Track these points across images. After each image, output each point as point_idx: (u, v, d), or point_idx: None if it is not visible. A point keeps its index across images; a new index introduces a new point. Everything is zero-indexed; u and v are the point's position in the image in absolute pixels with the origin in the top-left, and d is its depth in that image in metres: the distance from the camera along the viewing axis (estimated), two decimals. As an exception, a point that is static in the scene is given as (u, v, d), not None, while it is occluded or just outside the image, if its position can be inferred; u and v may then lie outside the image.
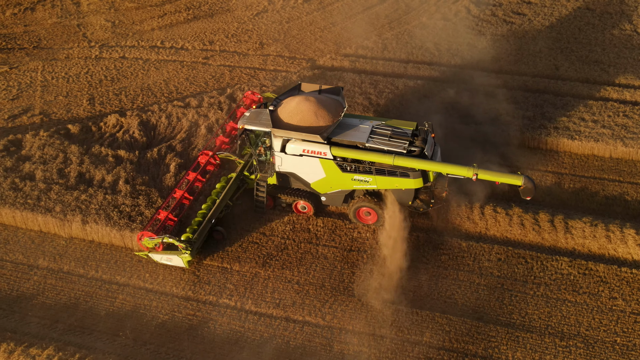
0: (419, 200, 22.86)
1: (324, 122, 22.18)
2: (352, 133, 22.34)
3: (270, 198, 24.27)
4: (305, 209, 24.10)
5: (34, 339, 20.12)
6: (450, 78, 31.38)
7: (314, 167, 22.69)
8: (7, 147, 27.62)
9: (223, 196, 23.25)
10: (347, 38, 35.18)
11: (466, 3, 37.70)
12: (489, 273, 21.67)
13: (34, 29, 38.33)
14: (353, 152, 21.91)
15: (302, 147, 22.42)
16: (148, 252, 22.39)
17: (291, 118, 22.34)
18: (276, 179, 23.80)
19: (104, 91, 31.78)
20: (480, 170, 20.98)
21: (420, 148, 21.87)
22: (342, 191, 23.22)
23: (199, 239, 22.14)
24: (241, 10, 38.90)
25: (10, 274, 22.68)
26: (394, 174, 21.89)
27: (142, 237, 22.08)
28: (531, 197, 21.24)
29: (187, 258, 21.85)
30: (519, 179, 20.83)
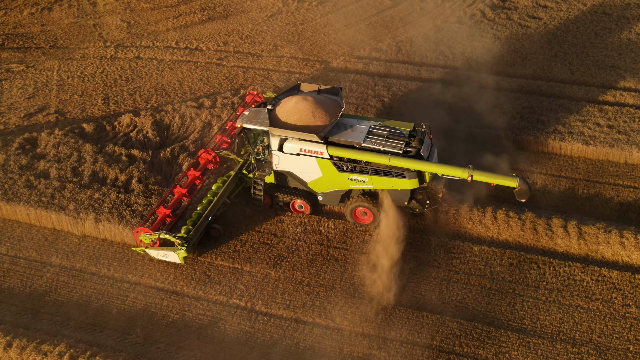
0: (414, 201, 22.92)
1: (321, 122, 22.30)
2: (349, 133, 22.47)
3: (268, 197, 24.44)
4: (302, 208, 24.22)
5: (45, 335, 20.28)
6: (464, 81, 31.23)
7: (311, 166, 22.84)
8: (22, 145, 27.90)
9: (220, 194, 23.46)
10: (361, 40, 35.17)
11: (481, 6, 37.55)
12: (501, 278, 21.53)
13: (50, 29, 38.70)
14: (349, 152, 22.05)
15: (299, 146, 22.57)
16: (145, 248, 22.66)
17: (289, 117, 22.47)
18: (274, 177, 23.97)
19: (119, 91, 32.01)
20: (476, 171, 21.07)
21: (416, 149, 21.97)
22: (338, 191, 23.34)
23: (195, 236, 22.35)
24: (256, 12, 39.02)
25: (23, 271, 22.89)
26: (390, 174, 22.03)
27: (139, 232, 22.32)
28: (526, 199, 21.35)
29: (182, 254, 22.06)
30: (513, 181, 20.93)
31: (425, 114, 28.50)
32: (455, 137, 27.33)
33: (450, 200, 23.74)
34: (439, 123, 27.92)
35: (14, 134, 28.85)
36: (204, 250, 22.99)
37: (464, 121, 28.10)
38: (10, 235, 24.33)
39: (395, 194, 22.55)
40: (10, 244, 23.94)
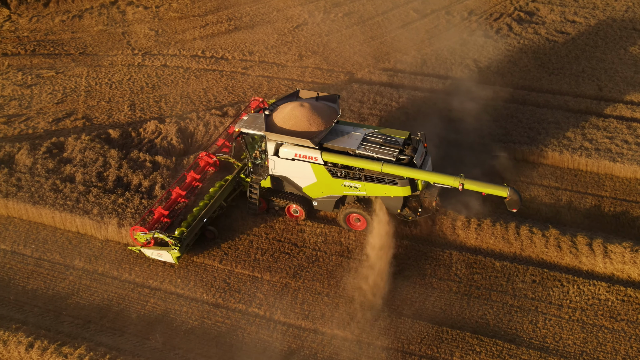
0: (407, 209, 22.96)
1: (316, 128, 22.57)
2: (344, 139, 22.77)
3: (264, 201, 24.66)
4: (297, 213, 24.39)
5: (66, 337, 20.47)
6: (490, 95, 31.04)
7: (306, 171, 23.11)
8: (50, 149, 28.36)
9: (217, 197, 23.77)
10: (386, 52, 35.20)
11: (508, 21, 37.34)
12: (523, 295, 21.21)
13: (80, 36, 39.42)
14: (343, 158, 22.31)
15: (294, 152, 22.88)
16: (140, 247, 22.93)
17: (284, 123, 22.79)
18: (270, 182, 24.24)
19: (145, 98, 32.41)
20: (467, 180, 21.10)
21: (409, 157, 22.13)
22: (332, 196, 23.53)
23: (188, 237, 22.65)
24: (281, 22, 39.30)
25: (47, 273, 23.18)
26: (383, 181, 22.19)
27: (134, 231, 22.62)
28: (517, 209, 21.38)
29: (176, 254, 22.35)
30: (504, 191, 20.96)
31: (449, 127, 28.40)
32: (477, 150, 27.19)
33: (473, 214, 23.54)
34: (464, 137, 27.81)
35: (42, 138, 29.35)
36: (224, 257, 23.06)
37: (487, 135, 27.88)
38: (36, 238, 24.68)
39: (388, 201, 22.72)
40: (35, 246, 24.28)
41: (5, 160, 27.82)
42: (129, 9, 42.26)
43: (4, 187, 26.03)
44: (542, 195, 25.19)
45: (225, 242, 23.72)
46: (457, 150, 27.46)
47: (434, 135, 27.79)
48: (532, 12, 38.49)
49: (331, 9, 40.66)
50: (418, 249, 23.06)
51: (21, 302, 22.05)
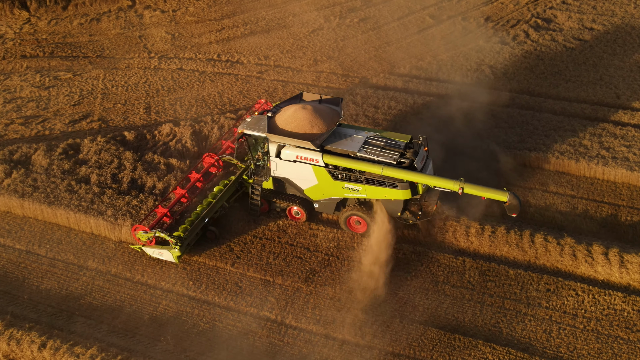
0: (408, 212, 22.88)
1: (317, 130, 22.71)
2: (346, 142, 22.86)
3: (266, 202, 24.77)
4: (298, 215, 24.46)
5: (79, 337, 20.55)
6: (506, 102, 30.87)
7: (307, 173, 23.21)
8: (66, 150, 28.60)
9: (219, 198, 23.91)
10: (402, 58, 35.11)
11: (525, 27, 37.13)
12: (537, 303, 20.97)
13: (98, 39, 39.80)
14: (344, 161, 22.38)
15: (295, 154, 23.00)
16: (142, 246, 23.11)
17: (286, 125, 22.93)
18: (272, 184, 24.36)
19: (160, 101, 32.61)
20: (467, 184, 21.05)
21: (410, 160, 22.13)
22: (333, 199, 23.58)
23: (189, 236, 22.82)
24: (297, 27, 39.40)
25: (61, 273, 23.33)
26: (383, 184, 22.23)
27: (136, 230, 22.81)
28: (517, 214, 21.24)
29: (176, 253, 22.54)
30: (504, 195, 20.85)
31: (464, 134, 28.23)
32: (494, 159, 27.00)
33: (487, 220, 23.37)
34: (479, 144, 27.63)
35: (59, 140, 29.61)
36: (236, 261, 23.07)
37: (503, 143, 27.67)
38: (50, 238, 24.87)
39: (388, 204, 22.70)
40: (49, 247, 24.46)
41: (22, 161, 28.09)
42: (146, 12, 42.62)
43: (20, 188, 26.28)
44: (558, 203, 24.94)
45: (238, 245, 23.74)
46: (473, 158, 27.29)
47: (448, 142, 27.72)
48: (549, 19, 38.24)
49: (347, 14, 40.71)
50: (431, 256, 22.91)
51: (35, 302, 22.21)
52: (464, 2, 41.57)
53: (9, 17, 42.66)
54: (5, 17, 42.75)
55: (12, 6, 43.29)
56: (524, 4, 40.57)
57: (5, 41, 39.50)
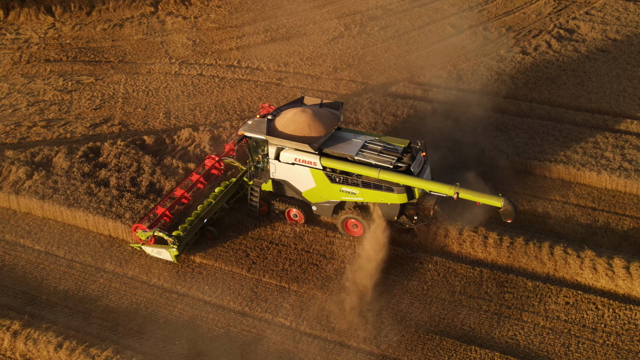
0: (404, 216, 22.99)
1: (316, 133, 22.96)
2: (344, 146, 23.11)
3: (265, 204, 25.01)
4: (297, 217, 24.67)
5: (95, 339, 20.65)
6: (527, 112, 30.61)
7: (305, 176, 23.43)
8: (86, 153, 28.89)
9: (219, 199, 24.30)
10: (422, 67, 35.00)
11: (547, 38, 36.83)
12: (556, 316, 20.64)
13: (120, 44, 40.26)
14: (341, 164, 22.61)
15: (294, 156, 23.25)
16: (141, 245, 23.39)
17: (285, 127, 23.22)
18: (272, 186, 24.56)
19: (180, 106, 32.85)
20: (462, 189, 21.19)
21: (407, 164, 22.29)
22: (331, 202, 23.74)
23: (187, 236, 23.14)
24: (317, 35, 39.50)
25: (78, 275, 23.51)
26: (380, 188, 22.36)
27: (136, 229, 23.10)
28: (512, 220, 21.39)
29: (174, 252, 22.85)
30: (499, 201, 20.99)
31: (483, 143, 28.02)
32: (515, 169, 26.76)
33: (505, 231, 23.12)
34: (498, 154, 27.39)
35: (79, 143, 29.94)
36: (252, 266, 23.06)
37: (523, 153, 27.40)
38: (69, 240, 25.09)
39: (385, 208, 22.82)
40: (68, 248, 24.67)
41: (43, 163, 28.44)
42: (168, 18, 43.05)
43: (41, 189, 26.58)
44: (578, 215, 24.60)
45: (254, 251, 23.75)
46: (492, 168, 27.11)
47: (467, 152, 27.54)
48: (572, 29, 37.90)
49: (367, 22, 40.74)
50: (448, 266, 22.70)
51: (52, 302, 22.39)
52: (486, 12, 41.41)
53: (34, 22, 43.37)
54: (31, 21, 43.46)
55: (38, 11, 44.02)
56: (546, 14, 40.28)
57: (30, 45, 40.13)
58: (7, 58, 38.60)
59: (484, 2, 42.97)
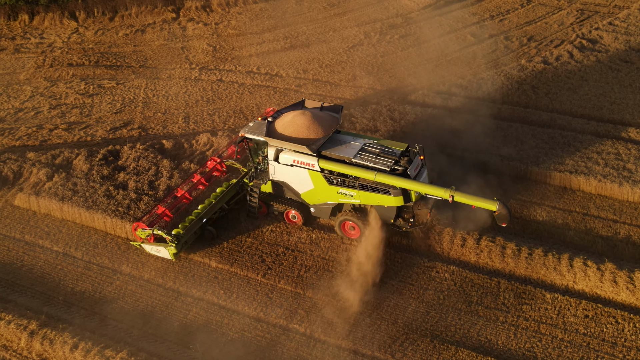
0: (401, 219, 23.14)
1: (315, 136, 23.22)
2: (343, 148, 23.36)
3: (264, 205, 25.24)
4: (295, 219, 24.93)
5: (110, 341, 20.72)
6: (547, 122, 30.30)
7: (303, 177, 23.68)
8: (106, 156, 29.16)
9: (219, 199, 24.66)
10: (441, 75, 34.87)
11: (569, 48, 36.49)
12: (574, 329, 20.29)
13: (142, 49, 40.68)
14: (339, 166, 22.82)
15: (293, 158, 23.51)
16: (141, 243, 23.64)
17: (285, 129, 23.53)
18: (271, 187, 24.90)
19: (199, 111, 33.04)
20: (457, 192, 21.32)
21: (403, 167, 22.41)
22: (329, 203, 23.94)
23: (186, 235, 23.37)
24: (337, 42, 39.56)
25: (95, 276, 23.65)
26: (376, 190, 22.52)
27: (137, 227, 23.40)
28: (506, 224, 21.47)
29: (172, 251, 23.11)
30: (493, 205, 21.06)
31: (503, 153, 27.77)
32: (534, 180, 26.44)
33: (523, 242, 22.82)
34: (519, 165, 27.11)
35: (99, 146, 30.24)
36: (268, 272, 23.02)
37: (543, 164, 27.09)
38: (87, 241, 25.28)
39: (381, 211, 22.96)
40: (85, 250, 24.85)
41: (63, 165, 28.74)
42: (189, 25, 43.43)
43: (61, 191, 26.85)
44: (599, 227, 24.22)
45: (270, 256, 23.72)
46: (511, 178, 26.86)
47: (485, 161, 27.31)
48: (595, 39, 37.52)
49: (387, 30, 40.73)
50: (464, 275, 22.46)
51: (69, 303, 22.53)
52: (507, 22, 41.20)
53: (58, 27, 44.02)
54: (55, 26, 44.13)
55: (62, 16, 44.72)
56: (568, 24, 39.97)
57: (53, 49, 40.71)
58: (31, 62, 39.19)
59: (505, 11, 42.78)
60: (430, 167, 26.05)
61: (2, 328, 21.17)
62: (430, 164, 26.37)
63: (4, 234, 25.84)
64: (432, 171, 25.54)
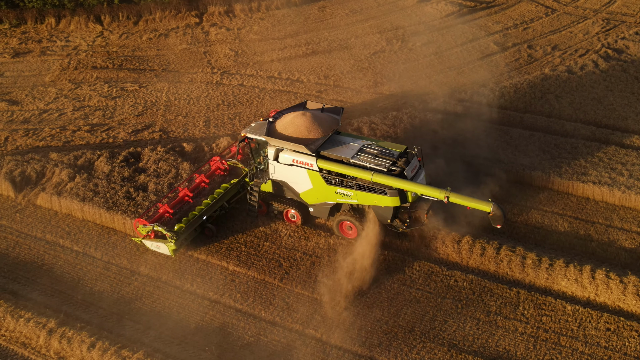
0: (398, 220, 23.18)
1: (314, 136, 23.60)
2: (342, 149, 23.62)
3: (264, 204, 25.56)
4: (294, 218, 25.20)
5: (127, 341, 20.82)
6: (571, 132, 29.89)
7: (302, 177, 23.97)
8: (127, 158, 29.41)
9: (219, 198, 24.98)
10: (463, 83, 34.62)
11: (595, 57, 36.02)
12: (595, 342, 19.90)
13: (164, 53, 41.05)
14: (337, 166, 23.10)
15: (292, 157, 23.79)
16: (142, 239, 24.01)
17: (285, 129, 23.95)
18: (272, 187, 25.13)
19: (220, 115, 33.21)
20: (452, 193, 21.51)
21: (400, 168, 22.57)
22: (327, 203, 24.18)
23: (185, 232, 23.72)
24: (359, 49, 39.53)
25: (114, 277, 23.81)
26: (373, 191, 22.73)
27: (137, 223, 23.83)
28: (501, 225, 21.70)
29: (172, 247, 23.36)
30: (488, 206, 21.22)
31: (524, 162, 27.46)
32: (556, 190, 26.10)
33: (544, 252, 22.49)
34: (541, 175, 26.78)
35: (121, 148, 30.52)
36: (285, 276, 22.97)
37: (565, 174, 26.71)
38: (106, 242, 25.47)
39: (378, 211, 23.16)
40: (105, 250, 25.05)
41: (85, 166, 29.05)
42: (212, 29, 43.76)
43: (82, 192, 27.13)
44: (622, 239, 23.79)
45: (287, 261, 23.68)
46: (531, 187, 26.54)
47: (507, 171, 27.01)
48: (621, 49, 37.01)
49: (409, 37, 40.60)
50: (483, 285, 22.19)
51: (87, 303, 22.70)
52: (531, 30, 40.84)
53: (83, 30, 44.64)
54: (80, 30, 44.74)
55: (87, 20, 45.32)
56: (594, 34, 39.49)
57: (78, 52, 41.27)
58: (56, 64, 39.77)
59: (529, 20, 42.42)
60: (451, 175, 25.89)
61: (21, 325, 21.40)
62: (451, 173, 26.20)
63: (26, 233, 26.16)
64: (455, 180, 25.29)
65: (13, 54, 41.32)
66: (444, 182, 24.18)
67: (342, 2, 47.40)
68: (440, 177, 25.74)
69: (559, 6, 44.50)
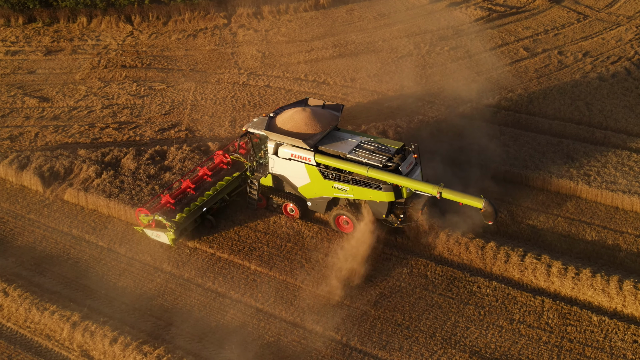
0: (393, 215, 23.61)
1: (312, 131, 24.12)
2: (339, 145, 24.08)
3: (264, 198, 26.04)
4: (292, 212, 25.68)
5: (148, 337, 20.97)
6: (600, 140, 29.36)
7: (300, 171, 24.49)
8: (153, 156, 29.70)
9: (220, 190, 25.59)
10: (491, 89, 34.25)
11: (627, 64, 35.38)
12: (622, 354, 19.46)
13: (192, 54, 41.42)
14: (333, 161, 23.55)
15: (291, 152, 24.30)
16: (143, 228, 24.65)
17: (284, 124, 24.41)
18: (272, 181, 25.65)
19: (246, 115, 33.35)
20: (445, 189, 21.83)
21: (396, 164, 22.94)
22: (324, 198, 24.67)
23: (185, 222, 24.30)
24: (386, 52, 39.40)
25: (137, 273, 24.02)
26: (369, 186, 23.19)
27: (139, 213, 24.63)
28: (492, 222, 21.95)
29: (171, 236, 23.94)
30: (479, 202, 21.49)
31: (551, 169, 27.06)
32: (582, 199, 25.67)
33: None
34: (569, 183, 26.35)
35: (147, 146, 30.84)
36: (306, 278, 22.93)
37: (594, 182, 26.23)
38: (131, 238, 25.72)
39: (374, 206, 23.63)
40: (129, 246, 25.29)
41: (112, 163, 29.41)
42: (240, 31, 44.03)
43: (108, 188, 27.47)
44: (652, 250, 23.27)
45: (309, 262, 23.64)
46: (558, 195, 26.11)
47: (534, 178, 26.61)
48: (653, 57, 36.30)
49: (437, 42, 40.35)
50: (507, 292, 21.88)
51: (111, 297, 22.94)
52: (562, 36, 40.28)
53: (114, 30, 45.29)
54: (111, 29, 45.41)
55: (118, 20, 46.00)
56: (627, 41, 38.79)
57: (108, 51, 41.87)
58: (86, 62, 40.40)
59: (560, 26, 41.87)
60: (476, 182, 25.61)
61: (46, 318, 21.71)
62: (475, 179, 25.93)
63: (53, 227, 26.57)
64: (478, 186, 25.02)
65: (45, 52, 42.10)
66: (471, 188, 23.93)
67: (370, 5, 47.36)
68: (466, 182, 25.50)
69: (591, 12, 43.85)
